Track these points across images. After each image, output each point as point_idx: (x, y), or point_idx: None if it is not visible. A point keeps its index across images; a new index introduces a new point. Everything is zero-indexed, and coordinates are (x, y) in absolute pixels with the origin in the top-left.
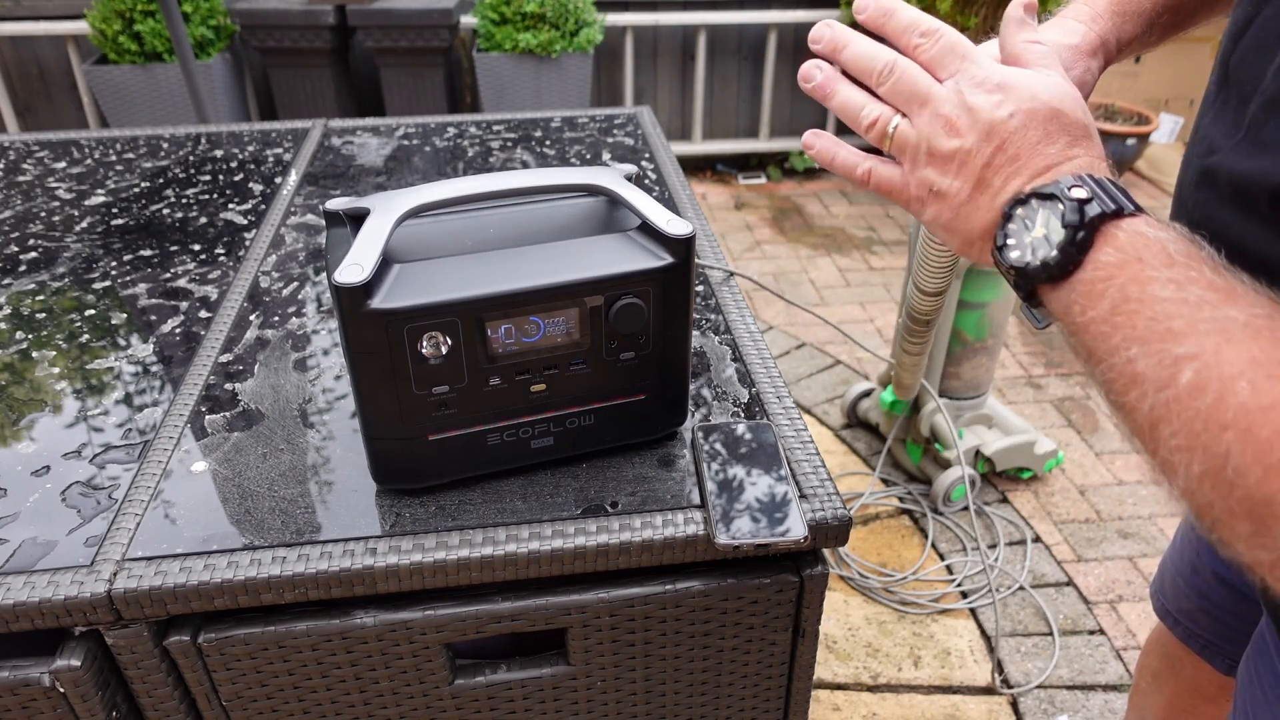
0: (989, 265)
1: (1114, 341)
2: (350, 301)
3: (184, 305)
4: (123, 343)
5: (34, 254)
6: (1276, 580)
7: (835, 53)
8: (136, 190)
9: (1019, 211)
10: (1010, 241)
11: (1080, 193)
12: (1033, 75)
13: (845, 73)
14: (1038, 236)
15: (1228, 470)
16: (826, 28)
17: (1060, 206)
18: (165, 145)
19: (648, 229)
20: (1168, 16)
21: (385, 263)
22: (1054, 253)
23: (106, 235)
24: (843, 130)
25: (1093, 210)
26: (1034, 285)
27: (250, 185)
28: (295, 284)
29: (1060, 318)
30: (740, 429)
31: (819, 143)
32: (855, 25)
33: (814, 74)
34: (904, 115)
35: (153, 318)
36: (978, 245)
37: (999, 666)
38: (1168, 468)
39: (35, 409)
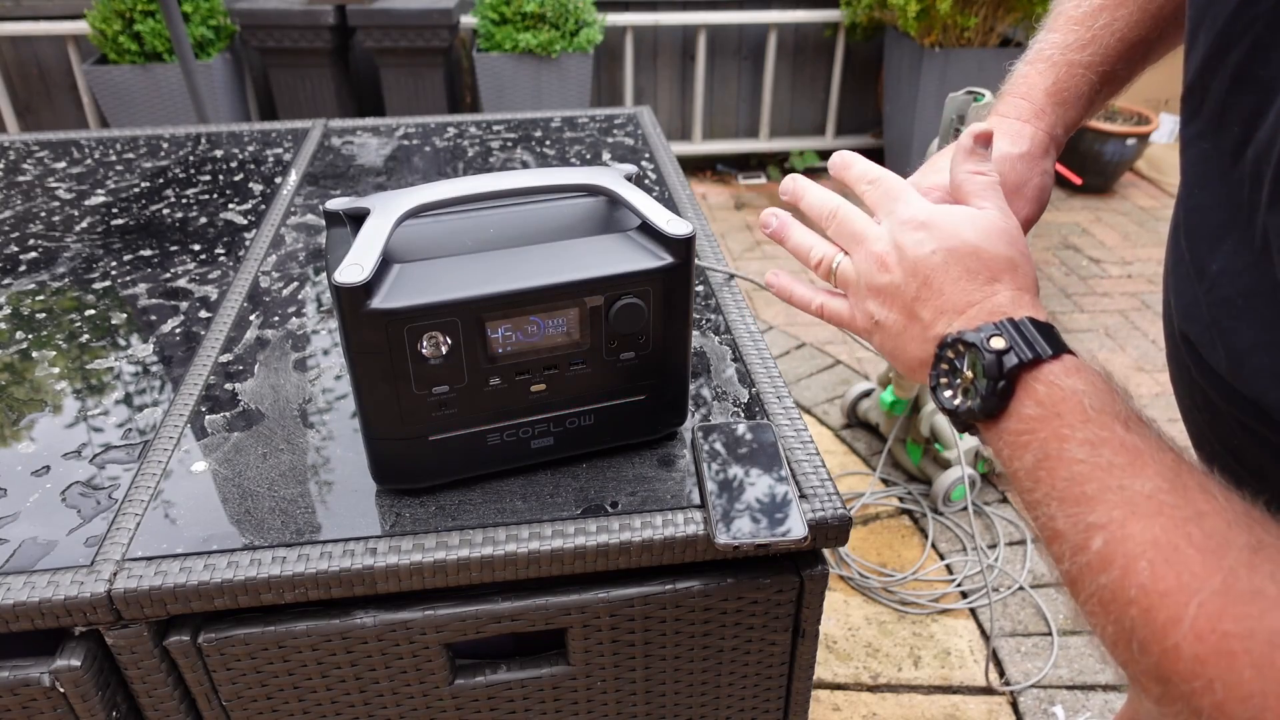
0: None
1: (1037, 496)
2: (350, 301)
3: (184, 305)
4: (123, 343)
5: (34, 254)
6: None
7: (796, 201)
8: (136, 190)
9: (947, 354)
10: (943, 380)
11: (999, 343)
12: (958, 213)
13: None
14: (965, 383)
15: (1134, 644)
16: (791, 180)
17: (982, 356)
18: (165, 145)
19: (648, 229)
20: (1105, 90)
21: (385, 263)
22: (979, 401)
23: (106, 235)
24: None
25: (1010, 361)
26: (966, 423)
27: (250, 185)
28: (295, 284)
29: (995, 456)
30: (740, 429)
31: (778, 281)
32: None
33: (770, 221)
34: (847, 254)
35: (153, 318)
36: (918, 372)
37: (998, 666)
38: (1089, 620)
39: (35, 409)
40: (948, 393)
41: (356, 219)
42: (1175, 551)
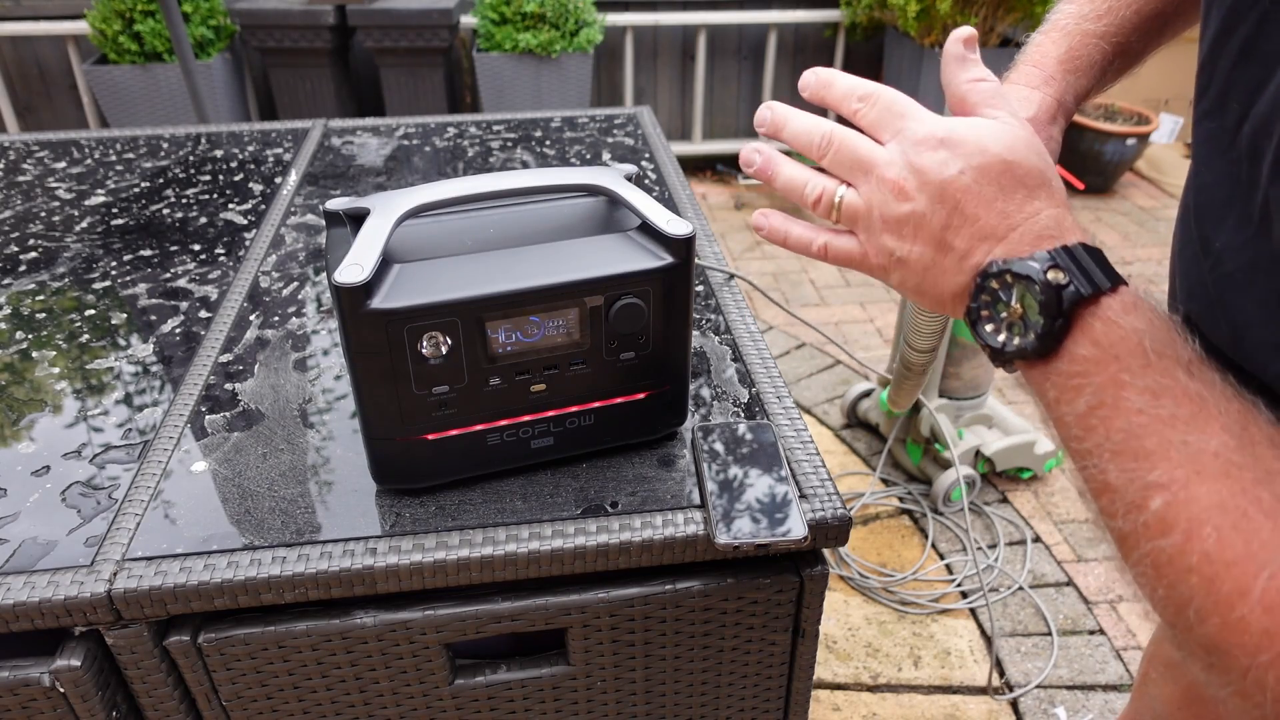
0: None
1: (1088, 445)
2: (350, 301)
3: (184, 305)
4: (123, 343)
5: (34, 254)
6: (1234, 706)
7: (778, 133)
8: (136, 190)
9: (992, 284)
10: (984, 314)
11: (1057, 276)
12: (979, 125)
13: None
14: (1014, 317)
15: (1189, 611)
16: (767, 109)
17: (1037, 289)
18: (165, 145)
19: (648, 229)
20: (1119, 63)
21: (385, 263)
22: (1031, 338)
23: (106, 235)
24: None
25: (1070, 296)
26: (1009, 361)
27: (250, 185)
28: (295, 284)
29: (1036, 395)
30: (740, 429)
31: (768, 223)
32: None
33: (754, 158)
34: (850, 185)
35: (153, 318)
36: (950, 306)
37: (999, 666)
38: (1136, 579)
39: (35, 409)
40: (989, 327)
41: (356, 219)
42: (1244, 518)
